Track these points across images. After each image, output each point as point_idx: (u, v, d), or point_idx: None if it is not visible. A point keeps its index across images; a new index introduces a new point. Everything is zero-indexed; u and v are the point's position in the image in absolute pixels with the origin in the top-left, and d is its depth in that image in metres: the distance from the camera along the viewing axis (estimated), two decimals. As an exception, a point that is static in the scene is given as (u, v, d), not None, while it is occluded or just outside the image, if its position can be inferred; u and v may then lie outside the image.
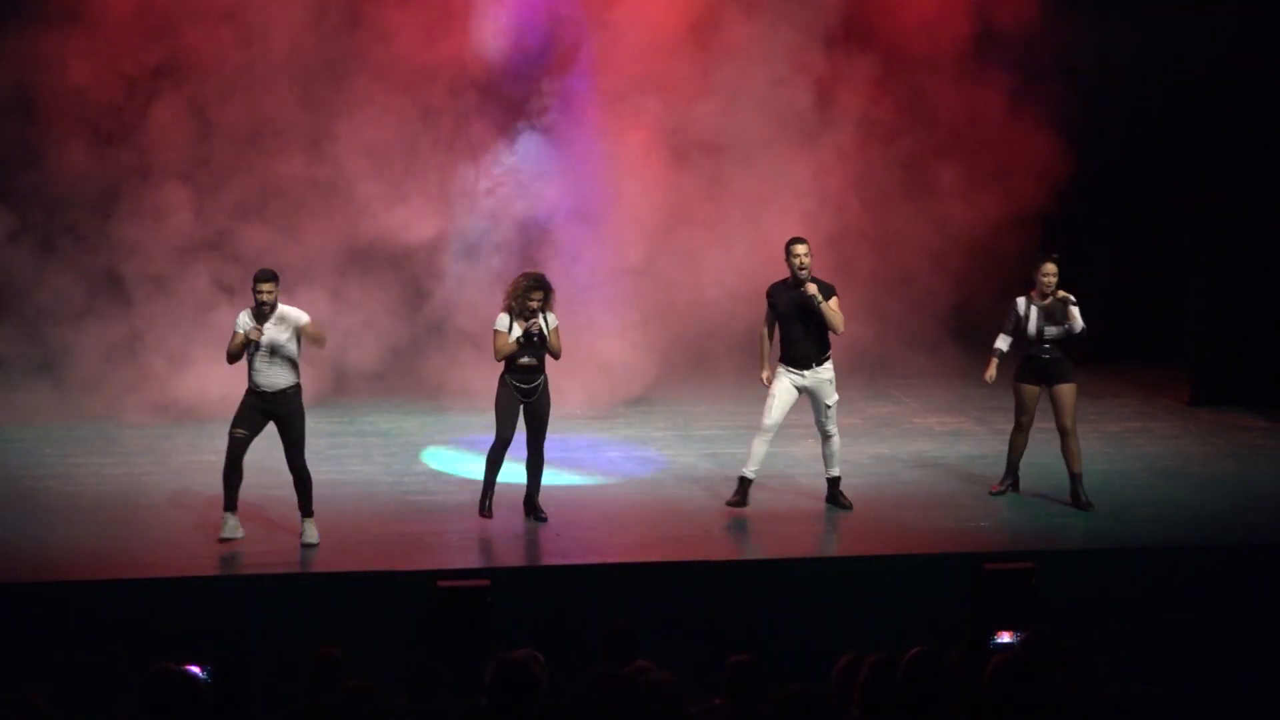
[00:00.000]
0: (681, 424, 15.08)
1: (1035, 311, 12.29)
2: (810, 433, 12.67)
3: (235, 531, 11.35)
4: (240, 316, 11.34)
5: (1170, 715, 8.85)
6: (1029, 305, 12.33)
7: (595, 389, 15.24)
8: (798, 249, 11.96)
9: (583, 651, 8.23)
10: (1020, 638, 8.59)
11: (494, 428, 11.86)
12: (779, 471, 13.09)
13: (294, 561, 11.18)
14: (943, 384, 16.40)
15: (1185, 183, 16.34)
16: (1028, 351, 12.39)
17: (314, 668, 7.48)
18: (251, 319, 11.26)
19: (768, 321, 12.18)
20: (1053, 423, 12.47)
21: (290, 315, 11.28)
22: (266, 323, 11.22)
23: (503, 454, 11.84)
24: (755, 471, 12.22)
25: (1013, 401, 12.63)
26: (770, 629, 10.61)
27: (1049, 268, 12.30)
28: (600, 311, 15.42)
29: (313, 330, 11.35)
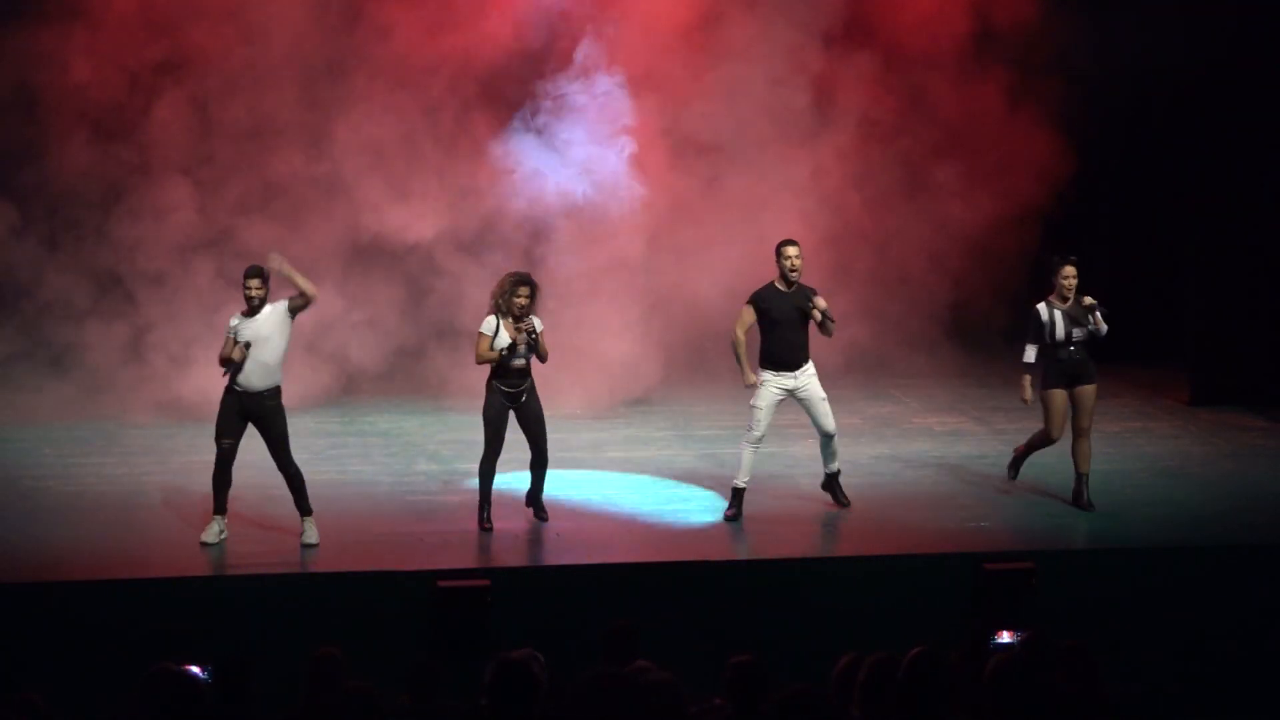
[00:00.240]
0: (681, 424, 15.08)
1: (1059, 315, 12.13)
2: (809, 432, 12.64)
3: (218, 536, 11.34)
4: (231, 321, 11.35)
5: (1170, 715, 8.86)
6: (1051, 310, 12.16)
7: (595, 388, 15.23)
8: (789, 251, 11.93)
9: (583, 651, 8.22)
10: (1020, 638, 8.59)
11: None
12: (779, 472, 13.08)
13: (294, 561, 11.18)
14: (942, 384, 16.40)
15: (1185, 183, 16.33)
16: (1054, 355, 12.22)
17: (314, 668, 7.48)
18: (240, 319, 11.27)
19: (743, 326, 12.06)
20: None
21: (278, 308, 11.30)
22: (256, 317, 11.23)
23: (494, 464, 11.73)
24: (747, 481, 12.20)
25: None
26: (770, 629, 10.60)
27: (1069, 270, 12.16)
28: (600, 311, 15.41)
29: (300, 282, 11.18)
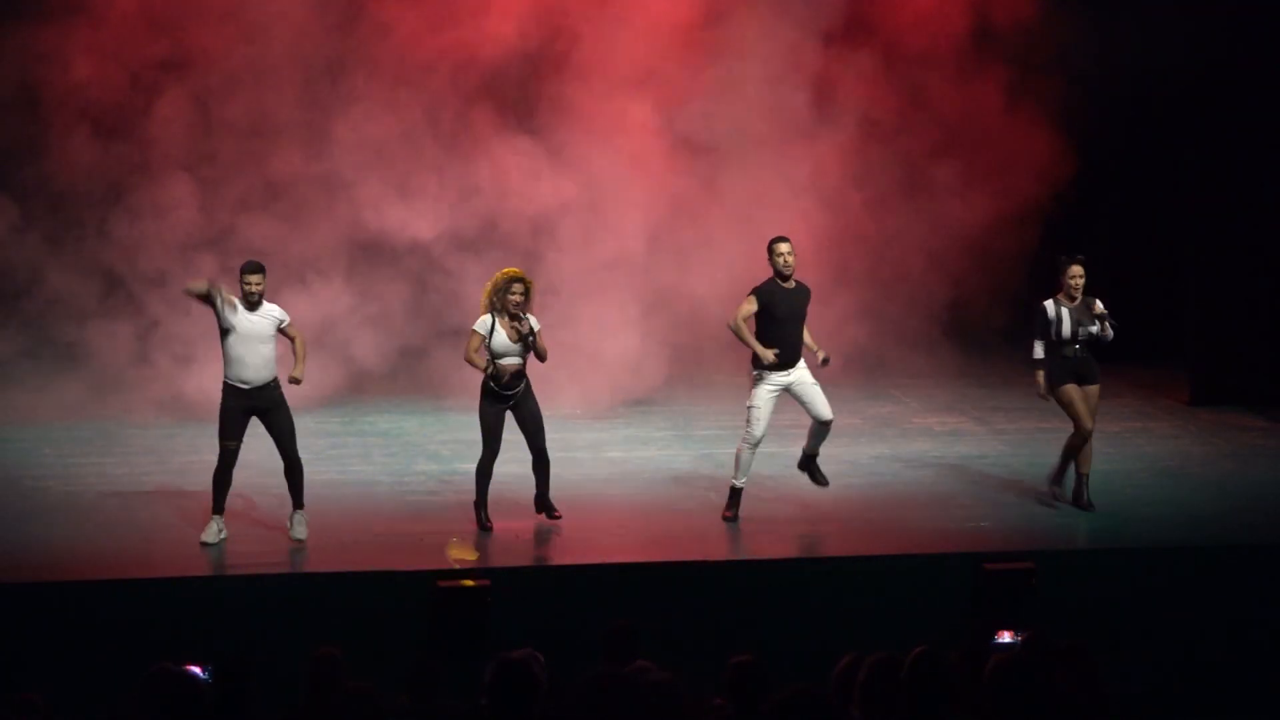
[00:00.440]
0: (681, 424, 15.07)
1: (1067, 313, 12.11)
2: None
3: (218, 536, 11.34)
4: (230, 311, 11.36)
5: (1170, 715, 8.86)
6: (1059, 307, 12.15)
7: (595, 388, 15.22)
8: (781, 248, 11.93)
9: (583, 651, 8.22)
10: (1020, 638, 8.60)
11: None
12: (779, 472, 13.06)
13: (294, 561, 11.19)
14: (942, 384, 16.39)
15: (1185, 182, 16.34)
16: (1059, 353, 12.20)
17: (314, 668, 7.48)
18: (239, 309, 11.28)
19: (745, 316, 12.00)
20: (1059, 422, 12.46)
21: (275, 312, 11.36)
22: (255, 313, 11.25)
23: (492, 465, 11.71)
24: (745, 481, 12.18)
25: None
26: (770, 629, 10.60)
27: (1075, 269, 12.14)
28: (600, 310, 15.40)
29: (298, 341, 11.43)
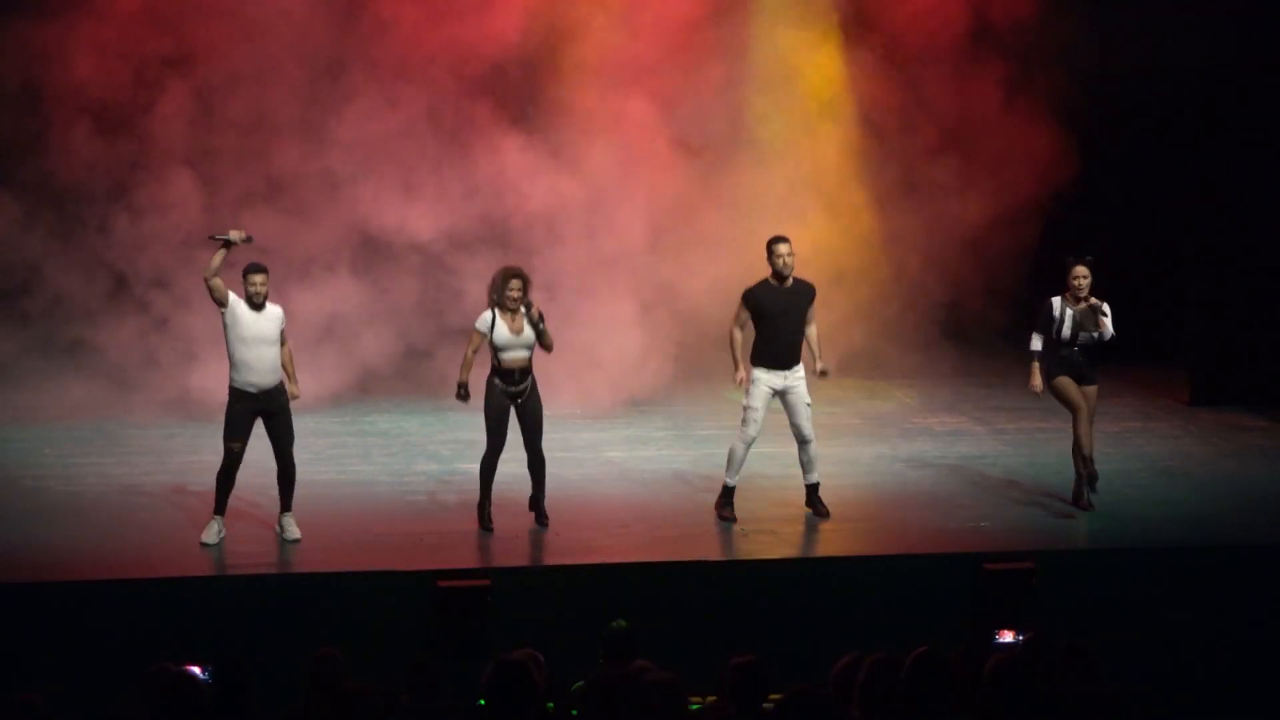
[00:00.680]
0: (681, 424, 15.06)
1: (1070, 315, 12.06)
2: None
3: (218, 536, 11.33)
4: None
5: (1170, 715, 8.85)
6: (1063, 307, 12.09)
7: (594, 388, 15.21)
8: (780, 249, 11.88)
9: (583, 651, 8.23)
10: (1020, 638, 8.61)
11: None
12: (779, 471, 13.05)
13: (294, 561, 11.18)
14: (942, 384, 16.38)
15: (1185, 182, 16.33)
16: (1056, 352, 12.14)
17: (314, 668, 7.47)
18: (245, 307, 11.29)
19: (739, 323, 12.02)
20: (1059, 421, 12.45)
21: (278, 313, 11.39)
22: (260, 314, 11.27)
23: (496, 462, 11.69)
24: (738, 479, 12.15)
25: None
26: (770, 629, 10.61)
27: (1081, 270, 12.06)
28: (599, 310, 15.40)
29: (285, 351, 11.47)
